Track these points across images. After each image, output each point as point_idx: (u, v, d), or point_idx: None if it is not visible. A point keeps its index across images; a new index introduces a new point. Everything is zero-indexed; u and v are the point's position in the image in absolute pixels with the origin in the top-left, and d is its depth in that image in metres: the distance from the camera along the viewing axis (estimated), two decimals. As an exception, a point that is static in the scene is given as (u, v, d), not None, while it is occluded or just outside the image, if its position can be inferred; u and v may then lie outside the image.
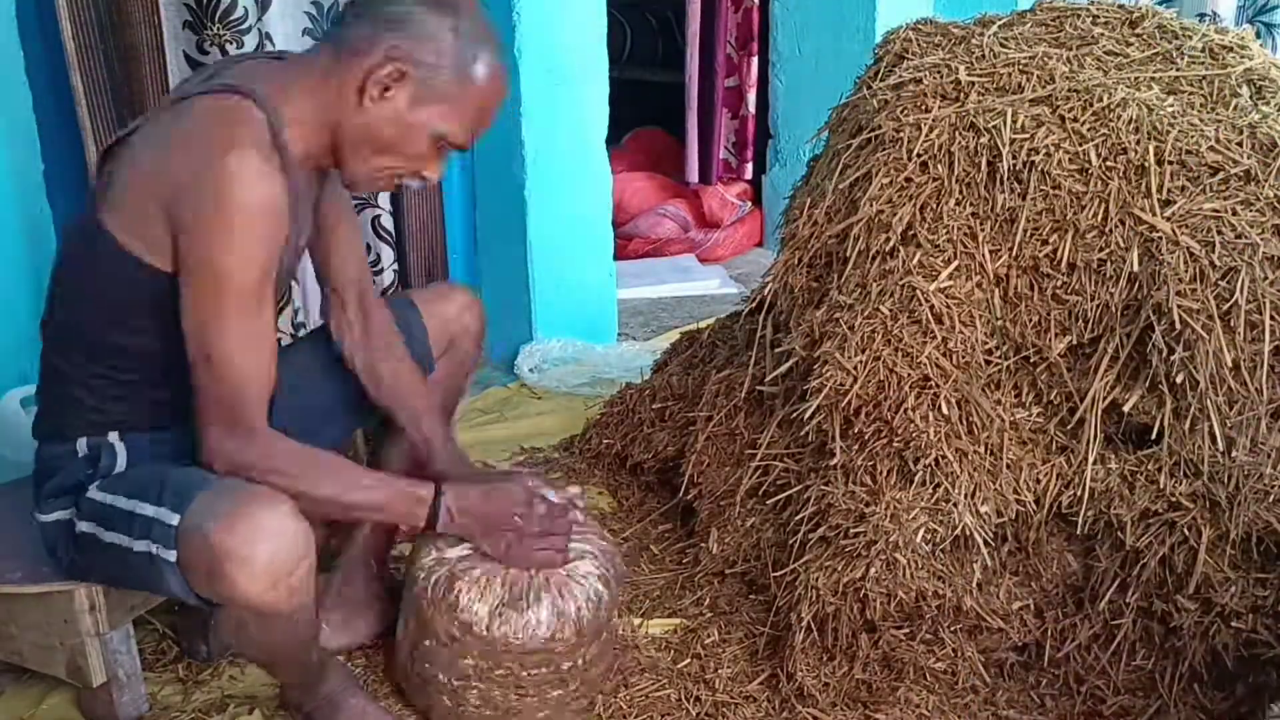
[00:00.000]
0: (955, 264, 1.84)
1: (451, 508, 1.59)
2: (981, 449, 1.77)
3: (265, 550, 1.37)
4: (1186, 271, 1.69)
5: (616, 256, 3.39)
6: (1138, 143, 1.79)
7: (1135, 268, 1.73)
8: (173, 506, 1.43)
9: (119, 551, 1.47)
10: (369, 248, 2.71)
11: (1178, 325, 1.66)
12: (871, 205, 1.91)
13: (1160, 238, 1.72)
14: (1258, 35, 2.17)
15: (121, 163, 1.46)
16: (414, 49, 1.43)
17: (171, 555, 1.42)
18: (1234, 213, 1.72)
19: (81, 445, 1.56)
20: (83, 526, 1.52)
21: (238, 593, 1.39)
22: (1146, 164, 1.77)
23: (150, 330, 1.49)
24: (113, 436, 1.56)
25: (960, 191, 1.87)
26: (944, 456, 1.75)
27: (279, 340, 2.24)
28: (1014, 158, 1.83)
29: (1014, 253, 1.82)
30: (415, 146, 1.49)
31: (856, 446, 1.81)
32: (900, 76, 2.01)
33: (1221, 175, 1.76)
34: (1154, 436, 1.72)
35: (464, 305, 1.96)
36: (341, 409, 1.86)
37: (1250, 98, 1.90)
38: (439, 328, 1.91)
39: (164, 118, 1.47)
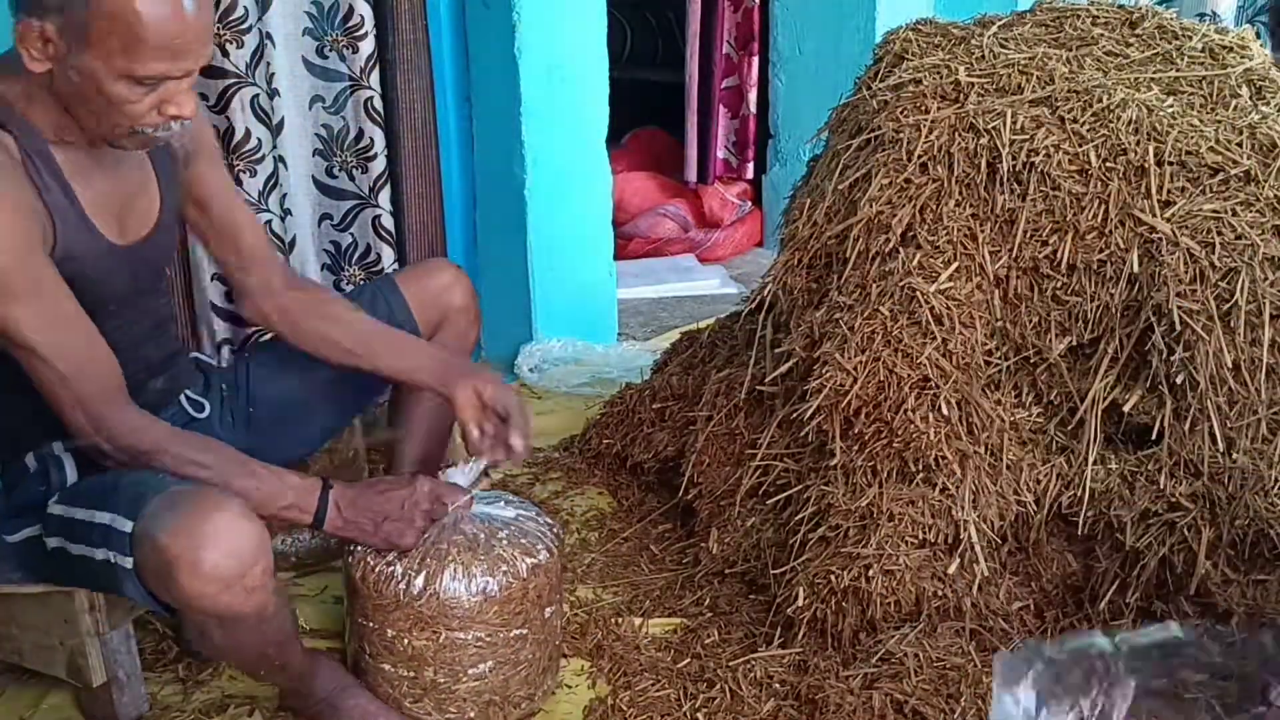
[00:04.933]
0: (955, 265, 1.84)
1: (339, 501, 1.56)
2: (982, 449, 1.77)
3: (213, 554, 1.35)
4: (1186, 272, 1.69)
5: (616, 256, 3.39)
6: (1137, 143, 1.79)
7: (1135, 269, 1.73)
8: (126, 513, 1.41)
9: (86, 562, 1.46)
10: (369, 248, 2.71)
11: (1178, 326, 1.66)
12: (871, 206, 1.91)
13: (1160, 239, 1.72)
14: (1258, 35, 2.17)
15: None
16: None
17: (128, 562, 1.40)
18: (1234, 213, 1.72)
19: (30, 460, 1.55)
20: (51, 542, 1.50)
21: (190, 598, 1.37)
22: (1146, 165, 1.78)
23: None
24: (57, 447, 1.55)
25: (960, 192, 1.87)
26: (944, 457, 1.75)
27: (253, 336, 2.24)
28: (1014, 159, 1.83)
29: (1014, 254, 1.82)
30: (111, 93, 1.36)
31: (856, 447, 1.81)
32: (900, 77, 2.01)
33: (1221, 176, 1.76)
34: (1154, 437, 1.72)
35: (450, 280, 1.91)
36: (325, 397, 1.84)
37: (1250, 98, 1.90)
38: (424, 304, 1.87)
39: None
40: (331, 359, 1.75)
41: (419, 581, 1.60)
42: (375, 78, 2.58)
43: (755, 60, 4.32)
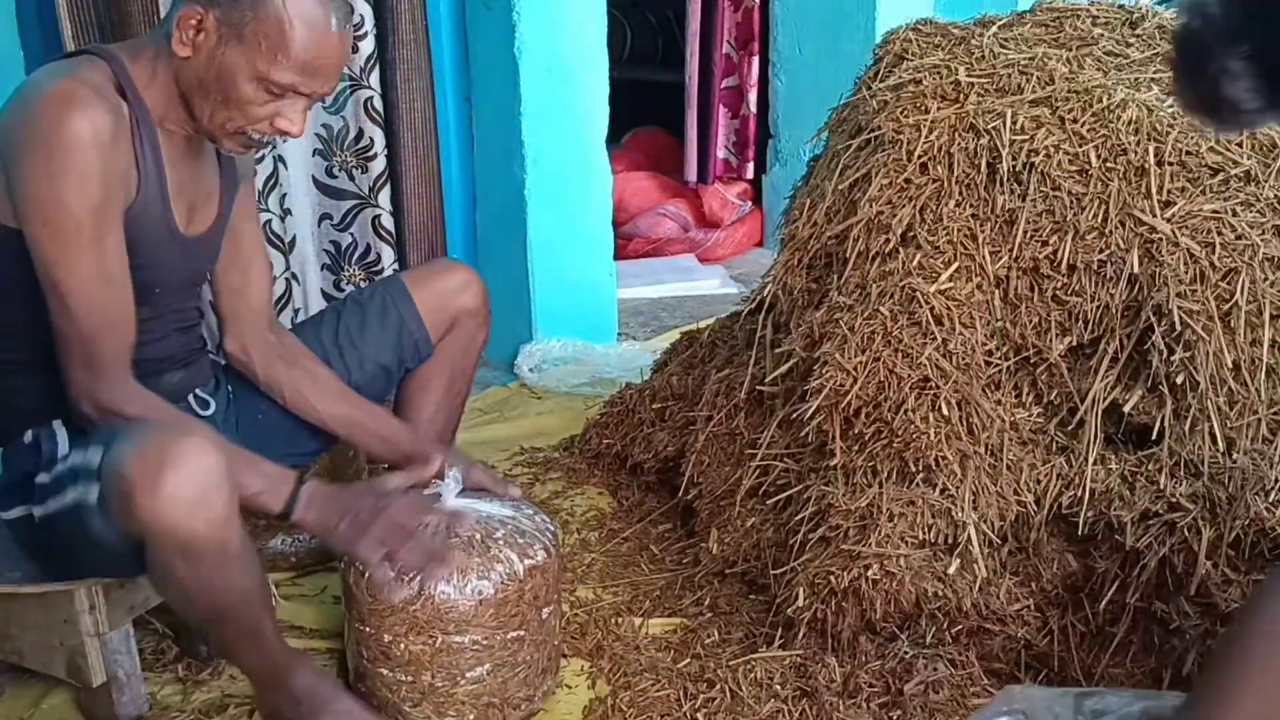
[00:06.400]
0: (955, 265, 1.84)
1: (308, 496, 1.55)
2: (982, 450, 1.77)
3: (173, 477, 1.34)
4: (1187, 273, 1.69)
5: (616, 256, 3.39)
6: (1137, 144, 1.79)
7: (1135, 269, 1.73)
8: (96, 447, 1.43)
9: (59, 521, 1.46)
10: (369, 248, 2.71)
11: (1178, 326, 1.66)
12: (871, 206, 1.91)
13: (1160, 239, 1.72)
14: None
15: None
16: None
17: (94, 492, 1.40)
18: (1234, 214, 1.72)
19: (28, 436, 1.56)
20: (37, 511, 1.50)
21: (149, 521, 1.35)
22: (1146, 165, 1.77)
23: (18, 295, 1.48)
24: (55, 424, 1.55)
25: (960, 193, 1.87)
26: (944, 457, 1.75)
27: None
28: (1014, 159, 1.83)
29: (1014, 254, 1.82)
30: (237, 92, 1.46)
31: (856, 447, 1.81)
32: (900, 77, 2.01)
33: (1221, 176, 1.76)
34: (1154, 437, 1.72)
35: (463, 282, 1.91)
36: (388, 366, 1.89)
37: (1250, 98, 1.90)
38: (435, 306, 1.87)
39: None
40: (294, 409, 1.81)
41: (414, 586, 1.59)
42: (375, 78, 2.58)
43: (755, 60, 4.33)
